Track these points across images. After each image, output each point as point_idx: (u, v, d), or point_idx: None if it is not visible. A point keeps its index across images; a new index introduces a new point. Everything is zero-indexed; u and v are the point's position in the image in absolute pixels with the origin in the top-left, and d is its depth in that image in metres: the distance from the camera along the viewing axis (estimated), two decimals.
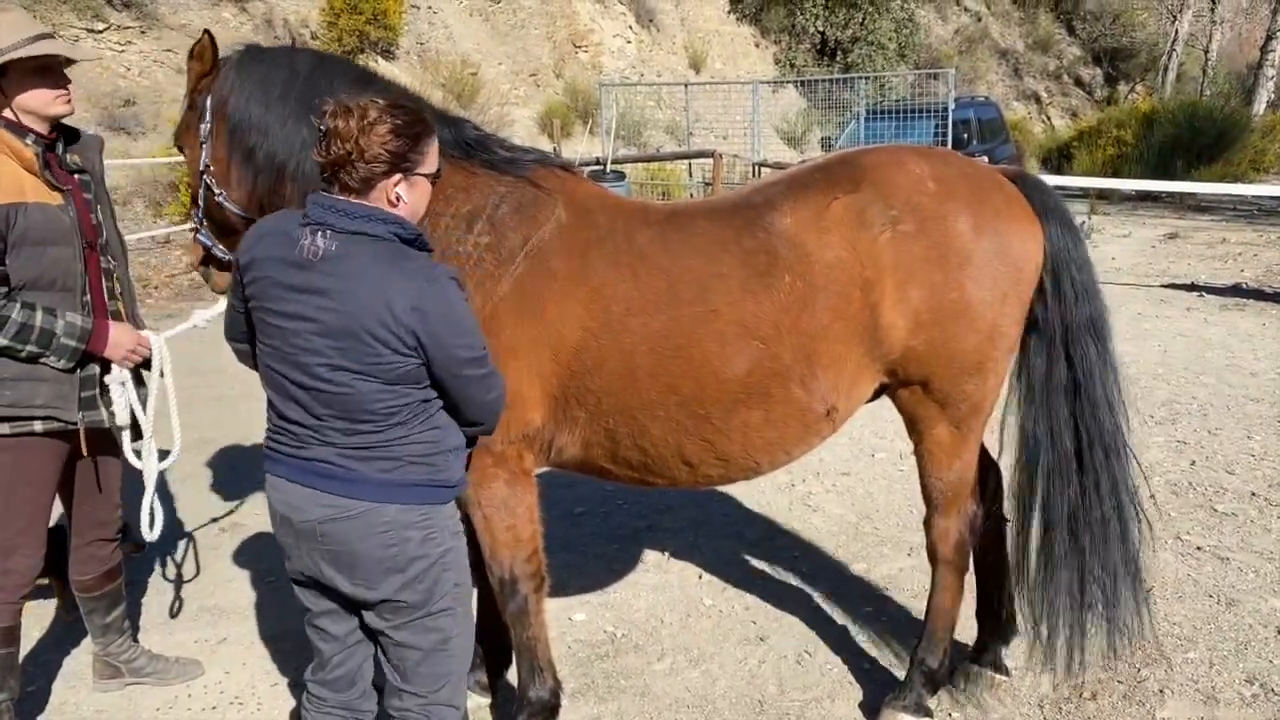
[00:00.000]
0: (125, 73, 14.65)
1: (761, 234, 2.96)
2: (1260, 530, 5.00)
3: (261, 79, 2.90)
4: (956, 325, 3.00)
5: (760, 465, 3.15)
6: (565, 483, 5.75)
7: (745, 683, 3.81)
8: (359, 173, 2.28)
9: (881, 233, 2.96)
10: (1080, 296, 3.20)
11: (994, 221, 3.04)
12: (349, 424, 2.34)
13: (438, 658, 2.54)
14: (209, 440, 6.52)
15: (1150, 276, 12.53)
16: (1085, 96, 37.71)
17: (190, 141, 3.02)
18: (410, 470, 2.39)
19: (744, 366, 2.91)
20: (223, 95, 2.91)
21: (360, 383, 2.30)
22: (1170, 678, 3.73)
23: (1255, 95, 29.78)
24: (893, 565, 4.76)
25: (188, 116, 3.03)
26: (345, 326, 2.26)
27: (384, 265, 2.27)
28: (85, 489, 3.53)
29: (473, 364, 2.37)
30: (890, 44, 27.82)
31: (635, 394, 2.92)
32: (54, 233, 3.15)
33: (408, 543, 2.40)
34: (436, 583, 2.47)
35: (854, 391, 3.09)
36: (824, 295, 2.93)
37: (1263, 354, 8.52)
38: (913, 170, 3.06)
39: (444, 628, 2.52)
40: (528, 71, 21.97)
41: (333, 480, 2.36)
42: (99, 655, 3.78)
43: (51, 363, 3.15)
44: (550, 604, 4.21)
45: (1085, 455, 3.25)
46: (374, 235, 2.29)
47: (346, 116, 2.25)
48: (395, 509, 2.38)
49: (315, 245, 2.28)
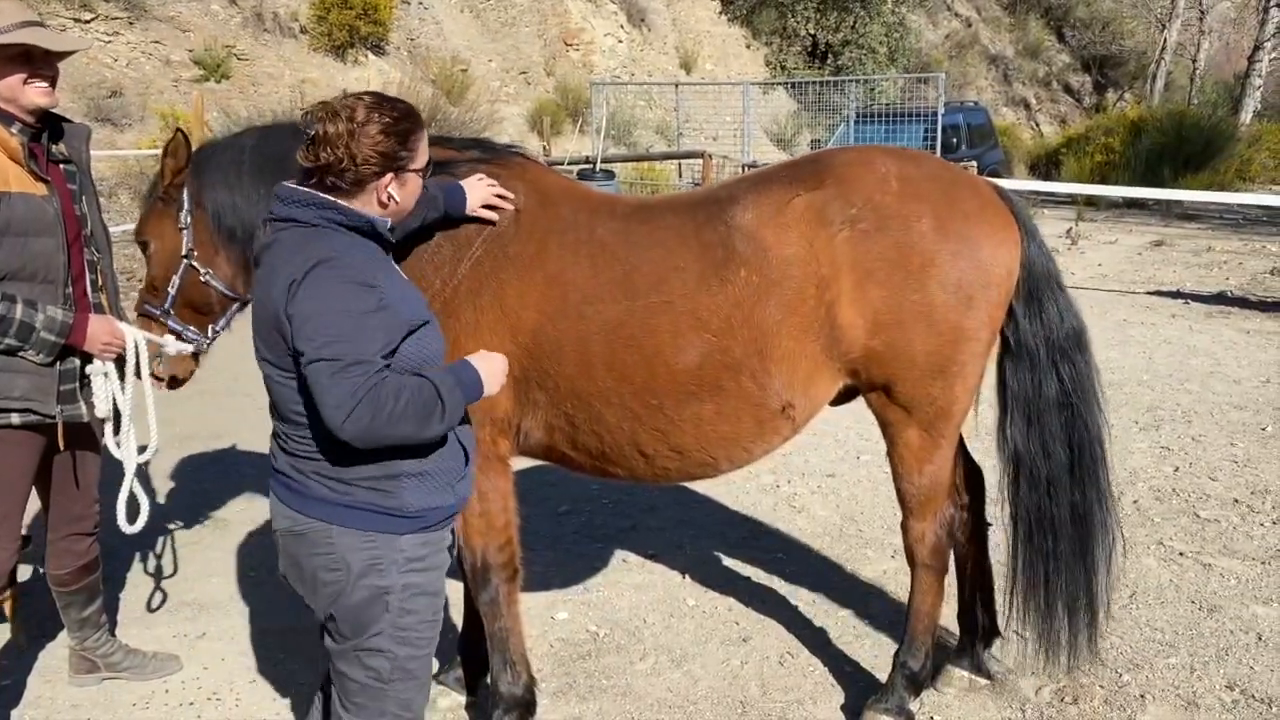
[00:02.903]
0: (112, 63, 14.55)
1: (721, 228, 2.98)
2: (1242, 537, 5.02)
3: (220, 165, 3.09)
4: (918, 327, 2.99)
5: (718, 460, 3.15)
6: (550, 481, 5.74)
7: (728, 683, 3.80)
8: (350, 176, 2.20)
9: (840, 231, 2.96)
10: (1064, 314, 3.23)
11: (961, 224, 3.02)
12: (288, 428, 2.31)
13: (373, 692, 2.37)
14: (190, 435, 6.47)
15: (1136, 283, 12.59)
16: (1074, 103, 37.92)
17: (163, 231, 3.16)
18: (350, 492, 2.26)
19: (695, 358, 2.93)
20: (197, 186, 3.09)
21: (282, 379, 2.25)
22: (1151, 683, 3.74)
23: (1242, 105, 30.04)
24: (876, 567, 4.76)
25: (159, 208, 3.16)
26: (263, 317, 2.24)
27: (291, 251, 2.17)
28: (62, 483, 3.49)
29: (312, 363, 2.10)
30: (881, 48, 27.89)
31: (591, 381, 2.96)
32: (37, 224, 3.11)
33: (349, 569, 2.26)
34: (373, 619, 2.30)
35: (811, 389, 3.08)
36: (778, 291, 2.93)
37: (1246, 362, 8.56)
38: (879, 169, 3.06)
39: (376, 667, 2.34)
40: (518, 69, 21.93)
41: (291, 493, 2.33)
42: (75, 650, 3.73)
43: (30, 356, 3.11)
44: (532, 602, 4.22)
45: (1077, 464, 3.28)
46: (303, 221, 2.20)
47: (334, 119, 2.17)
48: (337, 531, 2.26)
49: (261, 238, 2.30)
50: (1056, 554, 3.31)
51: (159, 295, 3.20)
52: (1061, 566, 3.32)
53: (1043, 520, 3.32)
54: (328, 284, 2.12)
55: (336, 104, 2.22)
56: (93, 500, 3.59)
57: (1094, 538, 3.33)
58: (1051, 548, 3.32)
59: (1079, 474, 3.29)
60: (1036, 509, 3.32)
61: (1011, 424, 3.32)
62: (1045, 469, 3.28)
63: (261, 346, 2.27)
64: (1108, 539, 3.36)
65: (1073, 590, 3.33)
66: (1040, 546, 3.33)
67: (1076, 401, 3.26)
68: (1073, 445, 3.28)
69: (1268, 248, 15.59)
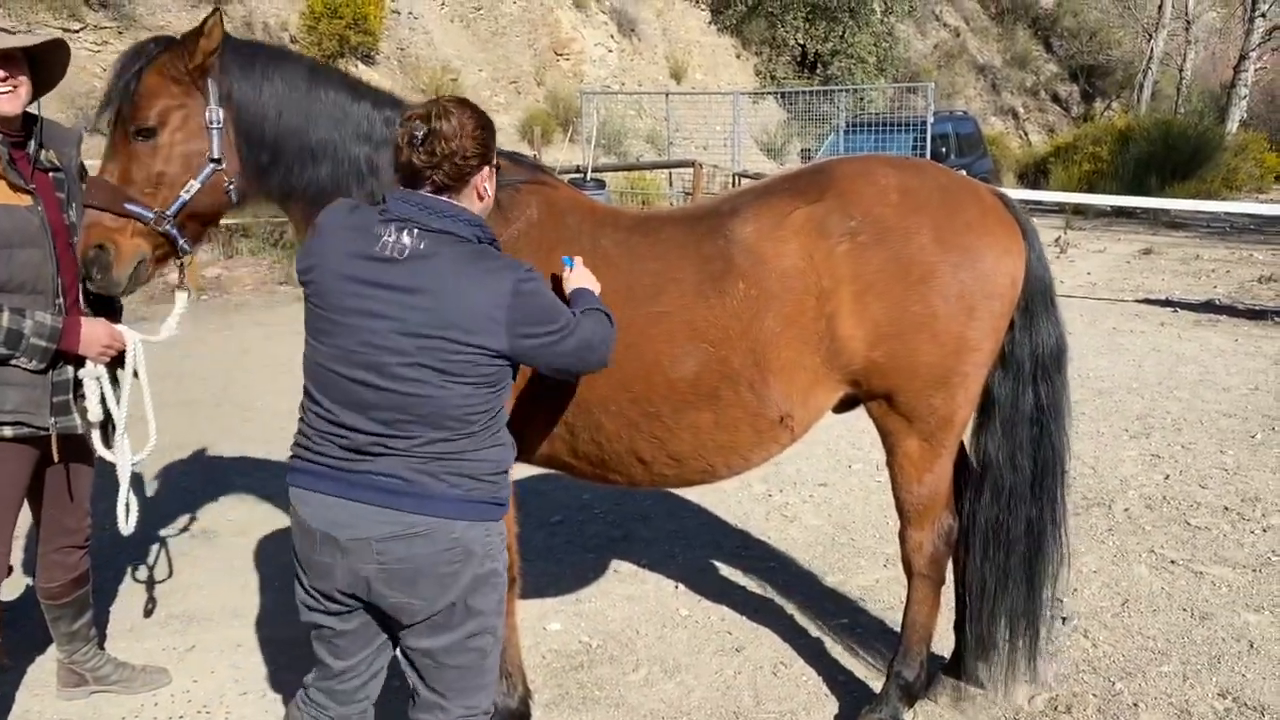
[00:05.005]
0: (101, 73, 14.49)
1: (721, 241, 3.00)
2: (1233, 544, 5.03)
3: (278, 73, 2.88)
4: (919, 338, 3.00)
5: (716, 468, 3.16)
6: (541, 491, 5.72)
7: (721, 694, 3.79)
8: (457, 170, 2.33)
9: (839, 243, 2.96)
10: (1053, 330, 3.26)
11: (963, 235, 3.02)
12: (422, 430, 2.29)
13: (474, 673, 2.49)
14: (180, 445, 6.44)
15: (1125, 292, 12.64)
16: (1062, 113, 38.11)
17: (179, 122, 2.80)
18: (478, 488, 2.37)
19: (692, 368, 2.95)
20: (232, 84, 2.82)
21: (442, 383, 2.27)
22: (1144, 691, 3.74)
23: (1229, 114, 30.25)
24: (869, 576, 4.76)
25: (173, 91, 2.78)
26: (434, 325, 2.25)
27: (471, 265, 2.30)
28: (54, 495, 3.46)
29: (565, 336, 2.42)
30: (870, 58, 28.00)
31: (590, 389, 2.98)
32: (22, 235, 3.08)
33: (471, 559, 2.37)
34: (484, 601, 2.43)
35: (810, 400, 3.09)
36: (777, 303, 2.95)
37: (1235, 369, 8.60)
38: (879, 181, 3.06)
39: (484, 646, 2.48)
40: (508, 79, 21.94)
41: (400, 496, 2.29)
42: (63, 663, 3.70)
43: (23, 364, 3.08)
44: (525, 613, 4.20)
45: (1039, 480, 3.33)
46: (459, 236, 2.32)
47: (445, 117, 2.31)
48: (463, 525, 2.35)
49: (401, 242, 2.29)
50: (1007, 568, 3.36)
51: (159, 196, 2.81)
52: (1009, 582, 3.37)
53: (999, 533, 3.35)
54: (539, 286, 2.39)
55: (435, 106, 2.35)
56: (85, 513, 3.56)
57: (1044, 554, 3.38)
58: (1003, 561, 3.36)
59: (1039, 490, 3.34)
60: (995, 520, 3.36)
61: (988, 432, 3.34)
62: (1010, 480, 3.32)
63: (415, 353, 2.26)
64: (1057, 556, 3.42)
65: (1014, 606, 3.38)
66: (993, 559, 3.37)
67: (1048, 419, 3.30)
68: (1038, 461, 3.32)
69: (1255, 256, 15.67)
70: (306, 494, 2.37)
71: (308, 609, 2.48)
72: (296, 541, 2.43)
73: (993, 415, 3.31)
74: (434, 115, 2.31)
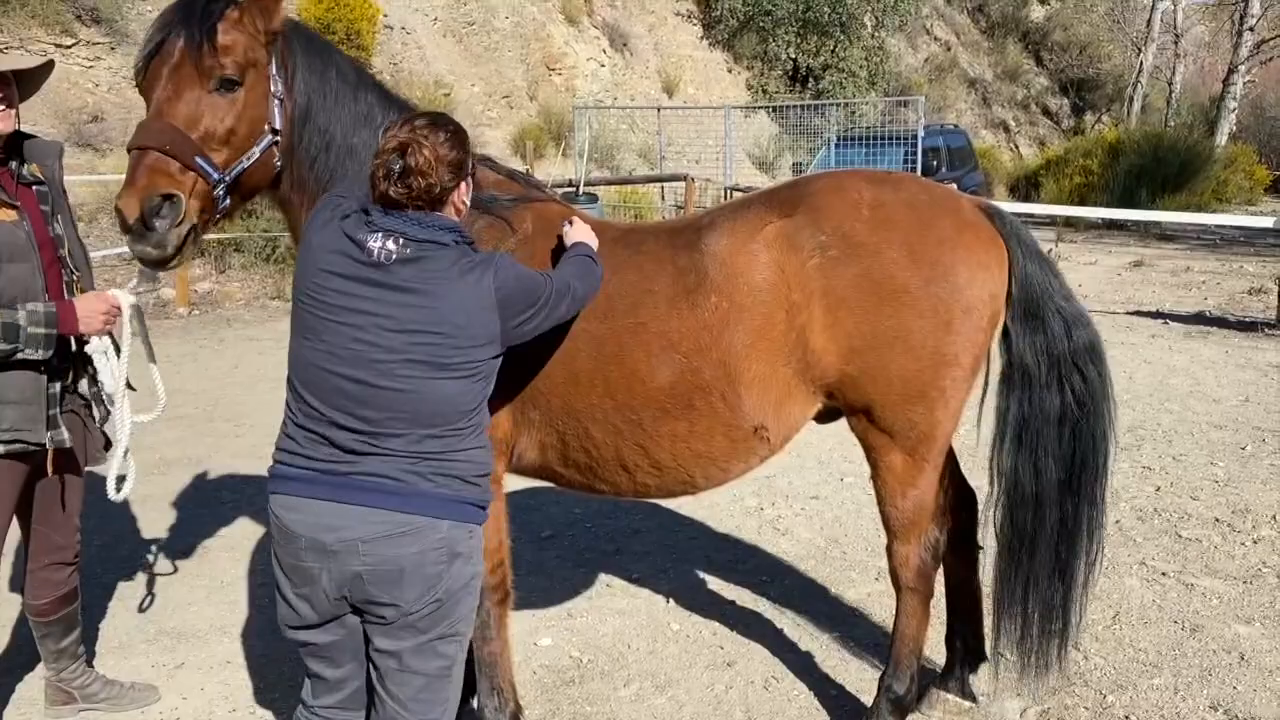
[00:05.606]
0: (94, 89, 14.51)
1: (696, 254, 3.05)
2: (1224, 556, 5.04)
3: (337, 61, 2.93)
4: (892, 352, 3.01)
5: (695, 478, 3.18)
6: (533, 505, 5.72)
7: (712, 709, 3.78)
8: (435, 198, 2.40)
9: (810, 258, 2.99)
10: (1071, 326, 3.20)
11: (935, 250, 3.02)
12: (411, 429, 2.32)
13: (439, 684, 2.48)
14: (169, 461, 6.42)
15: (1116, 304, 12.69)
16: (1052, 126, 38.29)
17: (255, 81, 2.67)
18: (465, 488, 2.41)
19: (667, 378, 3.00)
20: (294, 66, 2.81)
21: (434, 380, 2.32)
22: (1136, 704, 3.74)
23: (1218, 127, 30.44)
24: (861, 590, 4.75)
25: (255, 45, 2.66)
26: (428, 321, 2.31)
27: (456, 266, 2.37)
28: (45, 511, 3.45)
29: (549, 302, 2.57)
30: (861, 71, 28.10)
31: (579, 397, 3.03)
32: (9, 249, 3.10)
33: (454, 560, 2.39)
34: (458, 605, 2.45)
35: (784, 412, 3.10)
36: (748, 316, 2.98)
37: (1225, 381, 8.63)
38: (852, 197, 3.08)
39: (450, 654, 2.48)
40: (501, 93, 21.98)
41: (390, 495, 2.32)
42: (51, 681, 3.68)
43: (29, 355, 3.07)
44: (515, 628, 4.18)
45: (1075, 478, 3.25)
46: (441, 243, 2.38)
47: (418, 149, 2.34)
48: (449, 525, 2.37)
49: (387, 248, 2.33)
50: (1034, 570, 3.30)
51: (222, 156, 2.62)
52: (1039, 583, 3.31)
53: (1024, 538, 3.30)
54: (512, 265, 2.50)
55: (406, 134, 2.36)
56: (75, 529, 3.55)
57: (1077, 551, 3.30)
58: (1029, 564, 3.30)
59: (1075, 486, 3.25)
60: (1021, 527, 3.30)
61: (1001, 446, 3.29)
62: (1034, 488, 3.26)
63: (410, 349, 2.31)
64: (1092, 552, 3.33)
65: (1047, 608, 3.32)
66: (1019, 562, 3.32)
67: (1082, 415, 3.23)
68: (1073, 459, 3.25)
69: (1245, 267, 15.76)
70: (294, 500, 2.36)
71: (290, 628, 2.47)
72: (279, 550, 2.41)
73: (1007, 428, 3.26)
74: (408, 150, 2.34)
